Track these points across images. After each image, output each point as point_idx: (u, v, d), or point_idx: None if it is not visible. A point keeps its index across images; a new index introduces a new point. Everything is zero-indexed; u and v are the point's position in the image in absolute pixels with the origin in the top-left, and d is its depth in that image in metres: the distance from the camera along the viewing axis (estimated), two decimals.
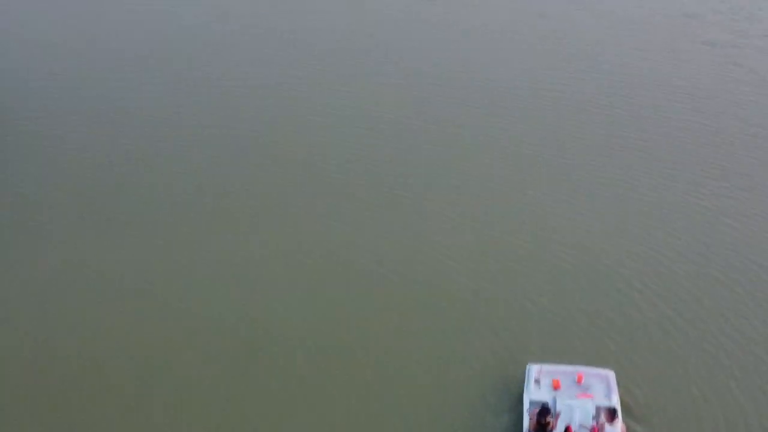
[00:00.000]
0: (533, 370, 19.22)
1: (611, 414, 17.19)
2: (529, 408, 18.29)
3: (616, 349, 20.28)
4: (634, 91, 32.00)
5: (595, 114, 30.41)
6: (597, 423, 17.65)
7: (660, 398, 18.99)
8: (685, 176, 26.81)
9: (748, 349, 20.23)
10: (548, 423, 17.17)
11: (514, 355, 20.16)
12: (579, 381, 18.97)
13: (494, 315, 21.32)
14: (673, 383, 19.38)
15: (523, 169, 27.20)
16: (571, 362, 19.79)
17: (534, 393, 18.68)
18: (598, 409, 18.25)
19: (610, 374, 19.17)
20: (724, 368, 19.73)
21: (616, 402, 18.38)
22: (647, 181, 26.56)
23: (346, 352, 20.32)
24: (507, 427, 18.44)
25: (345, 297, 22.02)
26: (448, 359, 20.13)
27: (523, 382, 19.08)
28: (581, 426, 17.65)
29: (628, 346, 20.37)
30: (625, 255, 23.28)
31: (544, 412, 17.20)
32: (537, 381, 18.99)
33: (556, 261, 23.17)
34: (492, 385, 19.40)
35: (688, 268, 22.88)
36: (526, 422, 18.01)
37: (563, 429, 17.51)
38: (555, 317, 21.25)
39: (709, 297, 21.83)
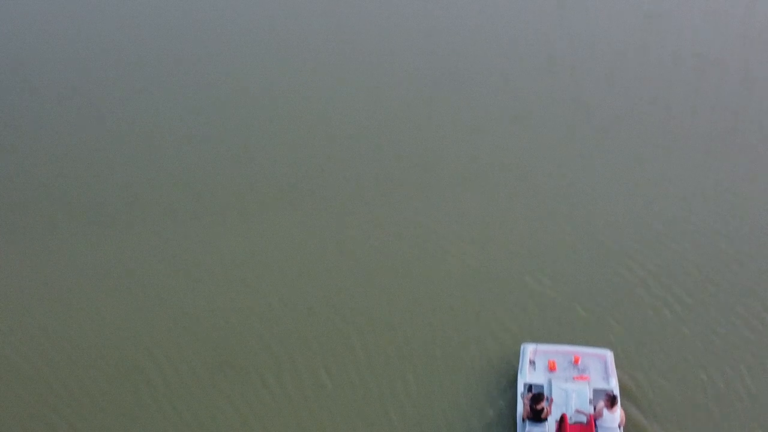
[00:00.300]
0: (528, 350, 18.10)
1: (610, 399, 16.09)
2: (524, 392, 17.21)
3: (620, 331, 19.08)
4: (640, 59, 30.43)
5: (598, 87, 28.85)
6: (595, 409, 16.59)
7: (665, 384, 17.82)
8: (694, 149, 25.40)
9: (762, 332, 18.94)
10: (542, 409, 16.08)
11: (512, 335, 18.99)
12: (576, 362, 17.90)
13: (493, 294, 20.13)
14: (680, 368, 18.19)
15: (524, 146, 25.68)
16: (570, 342, 18.71)
17: (529, 375, 17.60)
18: (595, 392, 17.25)
19: (608, 354, 18.09)
20: (736, 353, 18.50)
21: (614, 385, 17.32)
22: (653, 156, 25.11)
23: (340, 334, 19.17)
24: (502, 411, 17.34)
25: (340, 279, 20.72)
26: (445, 340, 19.00)
27: (518, 363, 18.07)
28: (577, 411, 16.56)
29: (633, 328, 19.16)
30: (632, 231, 22.00)
31: (536, 398, 16.09)
32: (532, 362, 17.90)
33: (557, 238, 21.86)
34: (488, 366, 18.29)
35: (699, 242, 21.58)
36: (520, 407, 16.89)
37: (559, 416, 16.49)
38: (557, 296, 20.01)
39: (720, 275, 20.53)
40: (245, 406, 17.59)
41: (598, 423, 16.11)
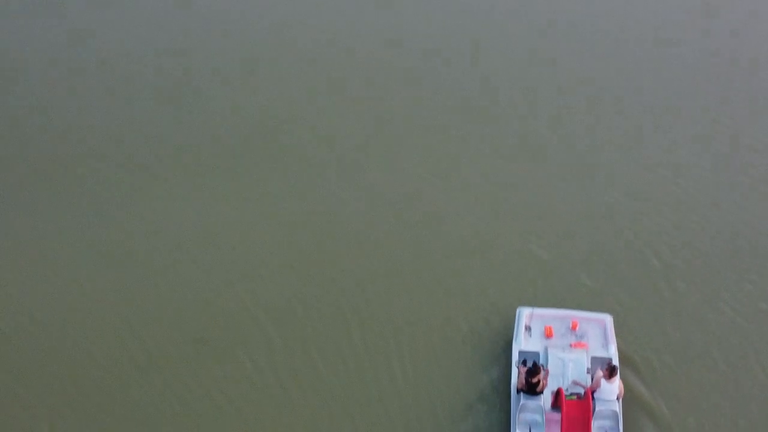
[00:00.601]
0: (524, 314, 17.21)
1: (610, 369, 15.29)
2: (518, 360, 16.41)
3: (629, 302, 17.98)
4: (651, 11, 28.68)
5: (602, 41, 26.57)
6: (592, 378, 15.82)
7: (673, 360, 16.84)
8: (710, 100, 23.77)
9: None
10: (538, 382, 15.28)
11: (510, 303, 17.94)
12: (573, 328, 17.04)
13: (493, 260, 19.03)
14: (691, 343, 17.13)
15: (530, 101, 23.92)
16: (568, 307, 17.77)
17: (524, 342, 16.71)
18: (593, 359, 16.46)
19: (608, 319, 17.21)
20: (752, 329, 17.40)
21: (613, 353, 16.48)
22: (666, 110, 23.43)
23: (333, 306, 18.06)
24: (495, 380, 16.48)
25: (333, 249, 19.42)
26: (441, 308, 18.04)
27: (513, 328, 17.24)
28: (574, 383, 15.78)
29: (642, 299, 18.03)
30: (644, 193, 20.66)
31: (533, 371, 15.31)
32: (528, 328, 17.05)
33: (562, 201, 20.56)
34: (485, 333, 17.41)
35: (718, 202, 20.28)
36: (514, 377, 16.03)
37: (555, 389, 15.70)
38: (560, 262, 18.84)
39: (739, 242, 19.26)
40: (233, 387, 16.54)
41: (595, 395, 15.31)
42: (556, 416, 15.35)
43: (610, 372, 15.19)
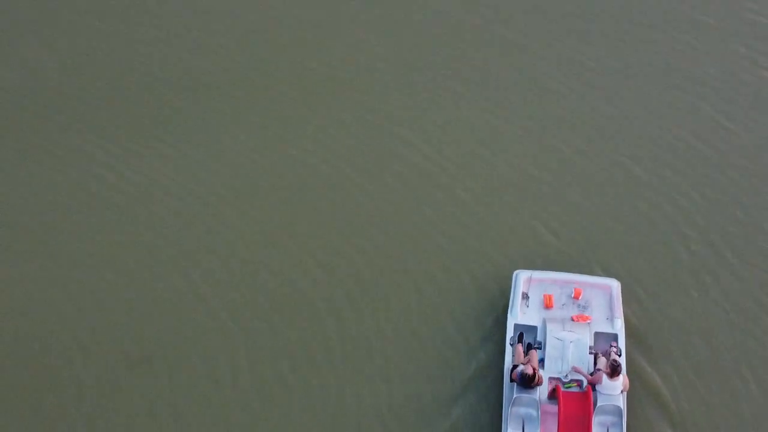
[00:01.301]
0: (521, 279, 15.72)
1: (612, 368, 13.82)
2: (514, 336, 15.02)
3: (649, 304, 16.05)
4: None
5: None
6: (595, 360, 14.48)
7: (695, 350, 15.24)
8: (740, 35, 20.81)
9: None
10: (534, 377, 13.85)
11: (503, 270, 16.43)
12: (576, 296, 15.57)
13: (489, 233, 17.22)
14: (717, 364, 15.12)
15: (545, 53, 20.79)
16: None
17: (520, 314, 15.25)
18: (596, 336, 15.06)
19: (614, 285, 15.67)
20: None
21: (619, 328, 15.05)
22: (692, 59, 20.36)
23: (325, 252, 16.69)
24: (488, 360, 15.14)
25: (332, 193, 17.82)
26: (430, 268, 16.56)
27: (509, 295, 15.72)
28: (574, 370, 14.37)
29: (662, 301, 16.01)
30: (664, 159, 18.24)
31: (526, 377, 13.91)
32: (525, 296, 15.58)
33: (570, 166, 18.27)
34: (477, 302, 16.02)
35: (742, 163, 18.01)
36: (508, 358, 14.76)
37: (553, 372, 14.39)
38: (567, 249, 16.91)
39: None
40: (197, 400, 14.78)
41: (597, 388, 14.01)
42: (553, 408, 14.10)
43: (612, 371, 13.79)
